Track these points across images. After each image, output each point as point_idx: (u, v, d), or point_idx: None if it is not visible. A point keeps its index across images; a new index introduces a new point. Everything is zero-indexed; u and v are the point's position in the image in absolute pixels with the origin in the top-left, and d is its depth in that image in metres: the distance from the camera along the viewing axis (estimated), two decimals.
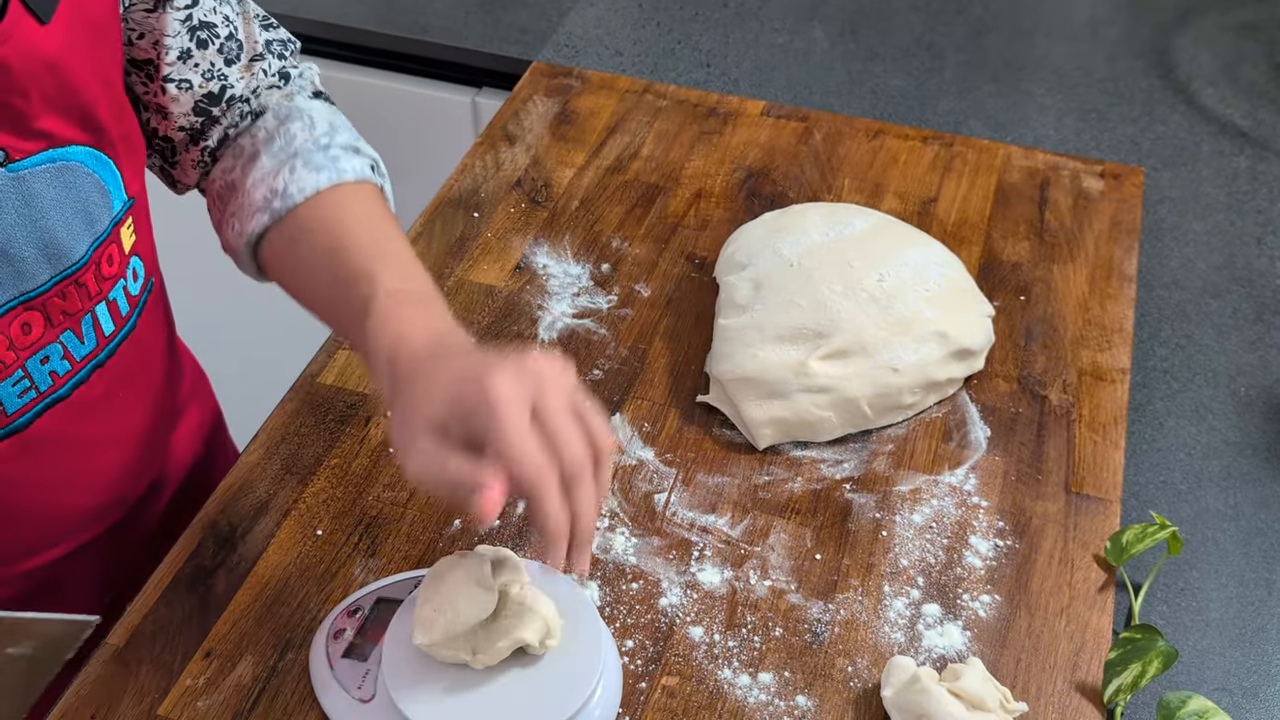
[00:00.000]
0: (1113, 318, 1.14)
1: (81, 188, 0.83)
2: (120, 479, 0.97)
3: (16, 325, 0.82)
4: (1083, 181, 1.28)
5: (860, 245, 1.08)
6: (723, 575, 0.93)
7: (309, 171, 0.90)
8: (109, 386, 0.91)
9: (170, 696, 0.85)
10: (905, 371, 1.02)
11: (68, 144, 0.81)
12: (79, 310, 0.86)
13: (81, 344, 0.87)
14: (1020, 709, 0.83)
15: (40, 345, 0.84)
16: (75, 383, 0.88)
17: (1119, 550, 0.94)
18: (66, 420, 0.88)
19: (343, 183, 0.90)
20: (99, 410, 0.91)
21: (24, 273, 0.81)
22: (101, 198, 0.85)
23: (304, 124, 0.93)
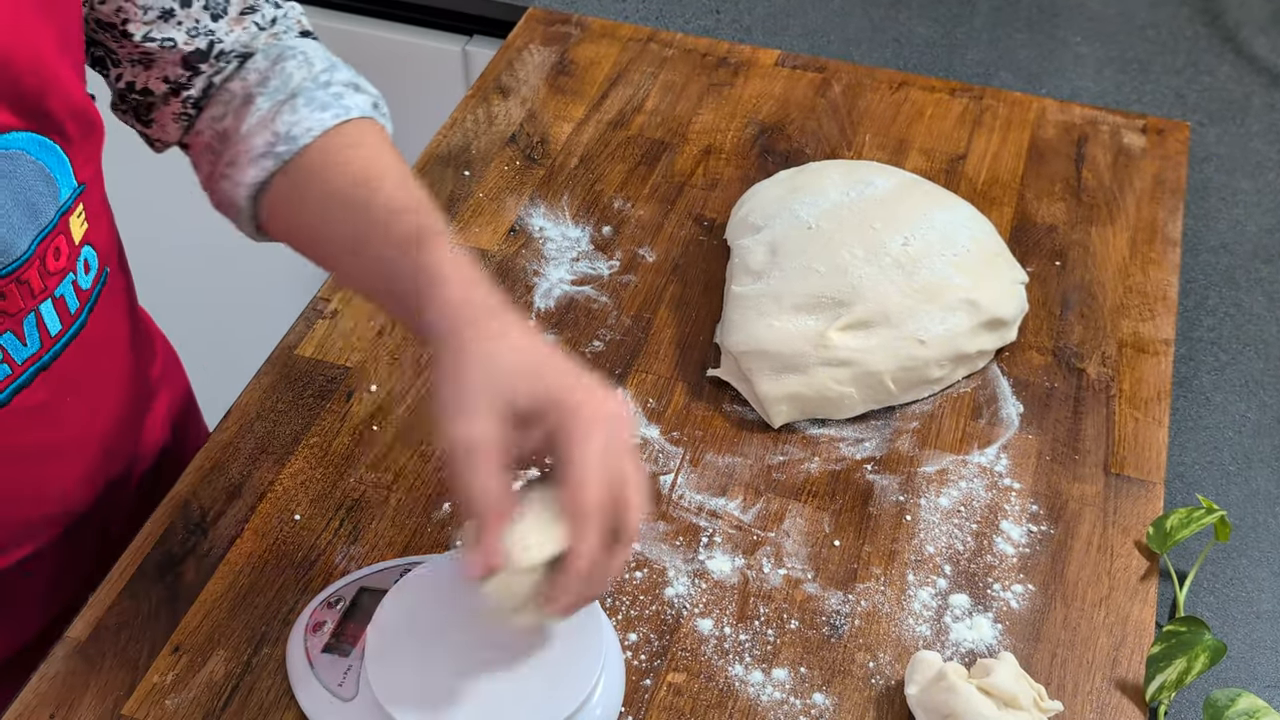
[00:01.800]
0: (1155, 284, 1.13)
1: (23, 177, 0.81)
2: (72, 489, 0.95)
3: None
4: (1123, 137, 1.28)
5: (883, 206, 1.07)
6: (734, 563, 0.93)
7: (312, 110, 0.89)
8: (53, 392, 0.88)
9: (136, 694, 0.85)
10: (932, 343, 1.01)
11: (6, 131, 0.79)
12: (20, 310, 0.83)
13: (23, 346, 0.85)
14: (1055, 708, 0.83)
15: None
16: (14, 389, 0.85)
17: (1162, 536, 0.93)
18: (3, 430, 0.85)
19: (349, 120, 0.89)
20: (42, 418, 0.88)
21: None
22: (47, 187, 0.83)
23: (299, 61, 0.92)
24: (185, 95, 0.92)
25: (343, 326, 1.08)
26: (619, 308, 1.11)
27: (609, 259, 1.15)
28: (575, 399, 0.73)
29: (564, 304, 1.11)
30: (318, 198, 0.87)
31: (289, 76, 0.91)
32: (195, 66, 0.91)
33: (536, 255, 1.14)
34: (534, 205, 1.19)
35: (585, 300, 1.11)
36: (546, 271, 1.13)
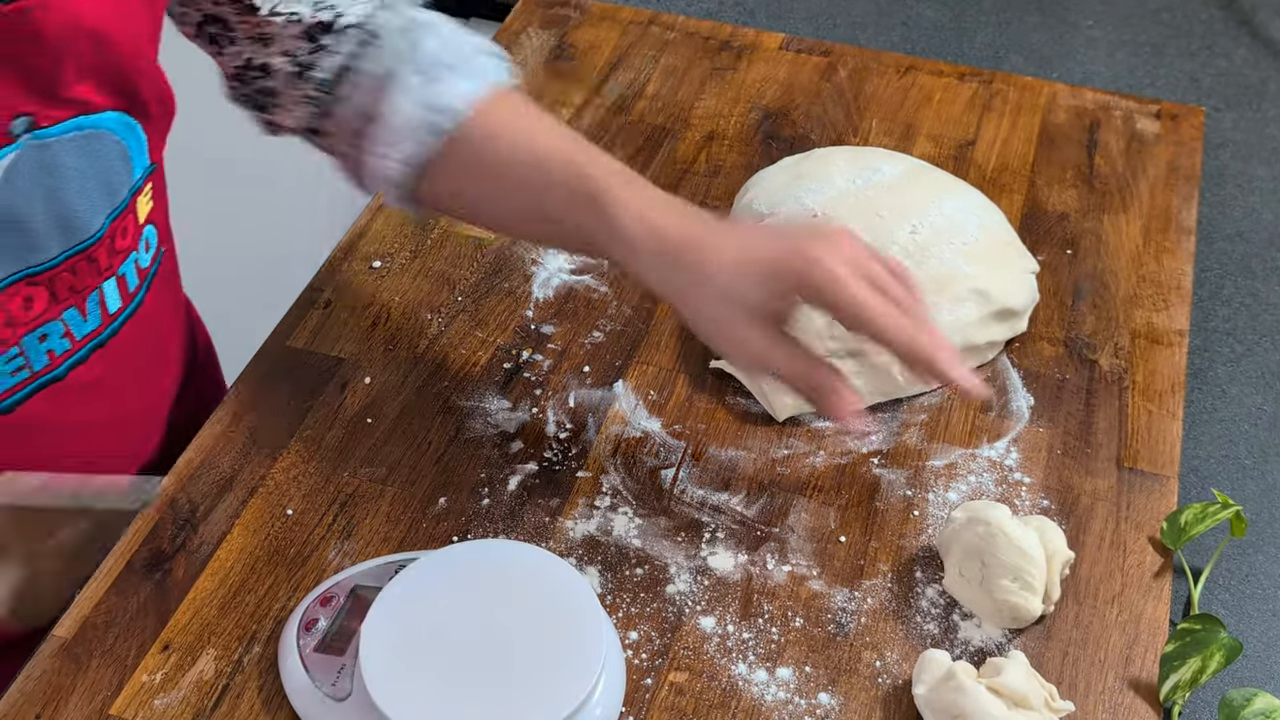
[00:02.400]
0: (1170, 274, 1.13)
1: (106, 157, 0.84)
2: (120, 467, 0.97)
3: (18, 300, 0.83)
4: (1136, 123, 1.28)
5: (890, 194, 1.07)
6: (737, 560, 0.92)
7: (459, 79, 0.92)
8: (108, 369, 0.91)
9: (124, 694, 0.85)
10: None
11: (99, 110, 0.82)
12: (87, 287, 0.87)
13: (84, 322, 0.88)
14: (1067, 708, 0.83)
15: (41, 322, 0.85)
16: (72, 364, 0.88)
17: (1177, 532, 0.93)
18: (57, 404, 0.88)
19: (499, 87, 0.94)
20: (95, 394, 0.91)
21: (34, 245, 0.82)
22: (124, 166, 0.86)
23: (430, 32, 0.94)
24: (315, 77, 0.93)
25: (336, 317, 1.08)
26: (619, 297, 1.10)
27: None
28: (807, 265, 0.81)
29: (563, 293, 1.10)
30: (488, 166, 0.91)
31: (427, 49, 0.93)
32: (318, 40, 0.92)
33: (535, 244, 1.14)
34: None
35: (585, 290, 1.11)
36: (545, 260, 1.13)
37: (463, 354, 1.05)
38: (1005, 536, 0.87)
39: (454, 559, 0.86)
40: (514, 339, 1.07)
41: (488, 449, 0.99)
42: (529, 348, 1.06)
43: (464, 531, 0.94)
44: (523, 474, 0.97)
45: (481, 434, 1.00)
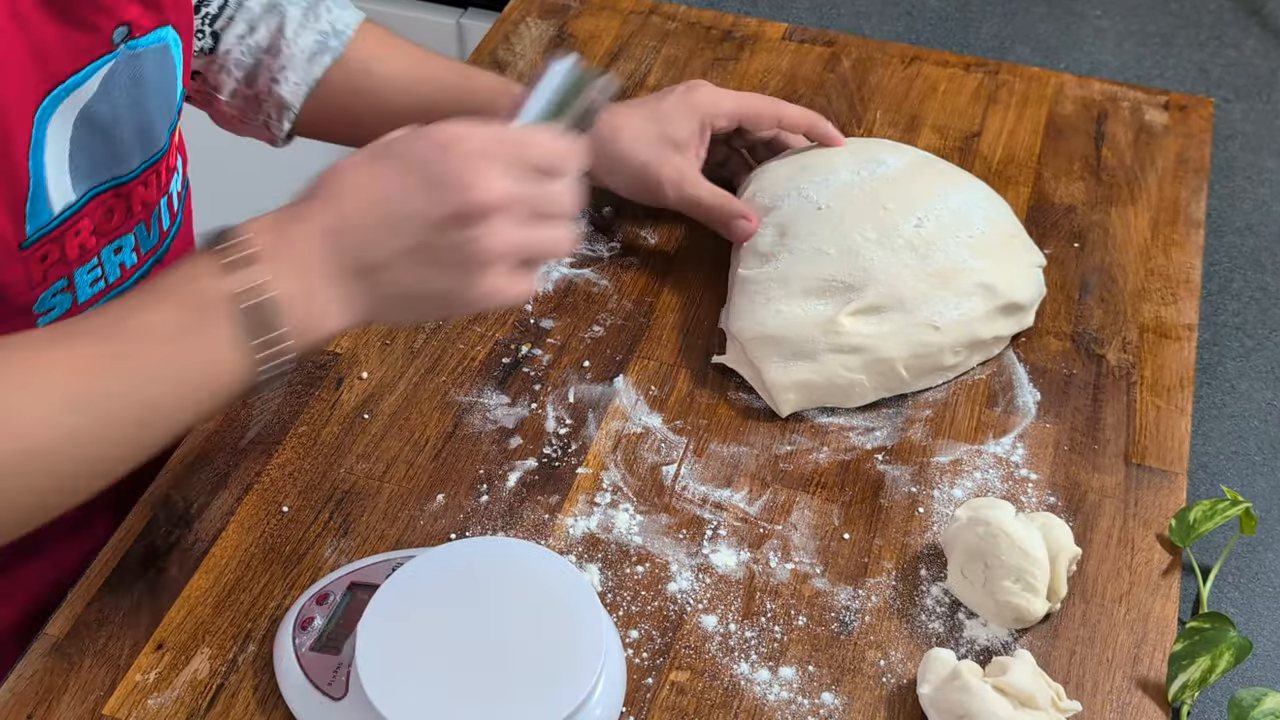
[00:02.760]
0: (1178, 267, 1.13)
1: (170, 70, 0.90)
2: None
3: (101, 211, 0.88)
4: (1144, 114, 1.27)
5: (895, 186, 1.06)
6: (739, 557, 0.92)
7: (341, 9, 1.06)
8: None
9: (117, 693, 0.84)
10: (946, 329, 1.01)
11: (167, 24, 0.88)
12: (152, 201, 0.93)
13: (149, 236, 0.94)
14: (1074, 708, 0.82)
15: (119, 234, 0.90)
16: (138, 278, 0.93)
17: (1185, 529, 0.93)
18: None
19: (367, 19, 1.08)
20: None
21: (120, 156, 0.88)
22: (173, 84, 0.92)
23: None
24: (204, 12, 1.01)
25: None
26: (620, 291, 1.10)
27: (609, 241, 1.14)
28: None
29: (562, 288, 1.10)
30: (377, 82, 1.04)
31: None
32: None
33: None
34: None
35: (585, 284, 1.11)
36: None
37: (461, 349, 1.05)
38: (1007, 537, 0.86)
39: (452, 557, 0.86)
40: (513, 333, 1.06)
41: (486, 445, 0.98)
42: (528, 342, 1.06)
43: (462, 529, 0.93)
44: (522, 470, 0.97)
45: (480, 430, 1.00)
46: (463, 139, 0.74)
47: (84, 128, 0.84)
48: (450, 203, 0.72)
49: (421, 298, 0.75)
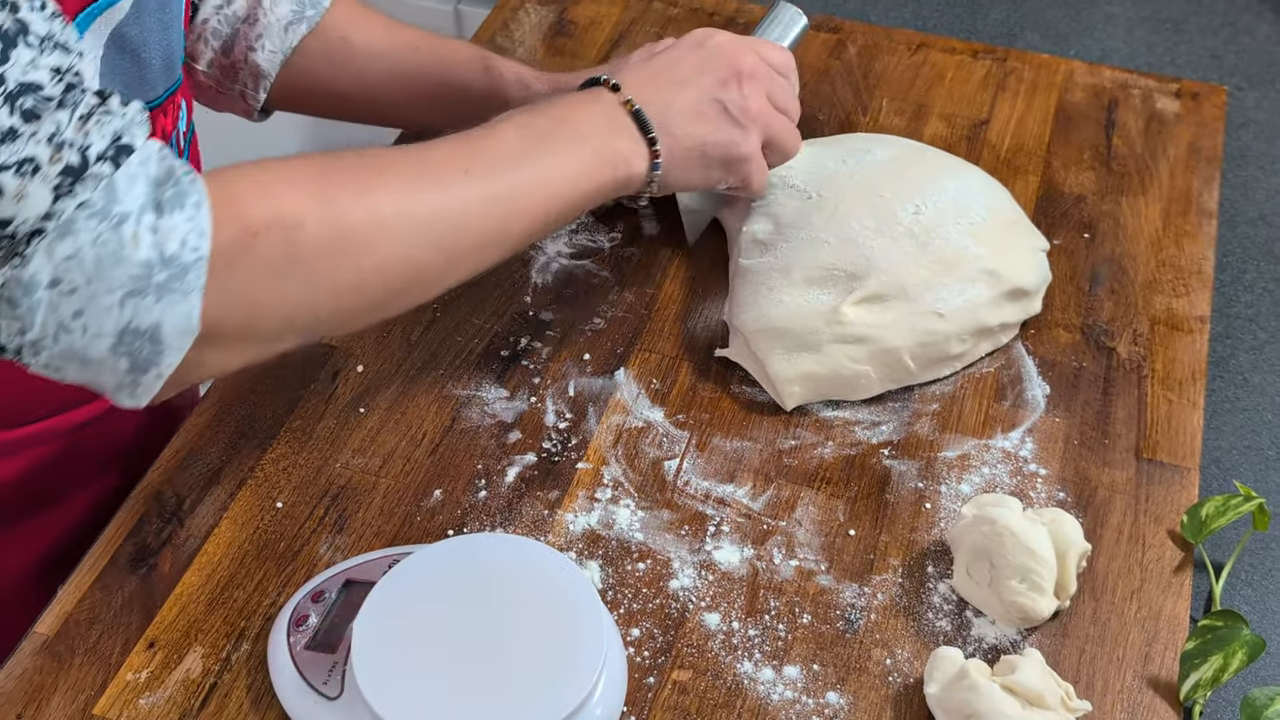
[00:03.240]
0: (1190, 258, 1.13)
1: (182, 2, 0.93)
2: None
3: None
4: (1156, 102, 1.27)
5: (887, 174, 1.07)
6: (742, 554, 0.92)
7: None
8: None
9: (108, 693, 0.84)
10: (951, 316, 1.01)
11: None
12: (169, 132, 0.95)
13: None
14: (1084, 707, 0.82)
15: None
16: None
17: (1197, 526, 0.93)
18: None
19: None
20: None
21: (148, 81, 0.90)
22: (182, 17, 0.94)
23: None
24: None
25: None
26: (621, 283, 1.10)
27: (609, 231, 1.14)
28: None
29: (562, 279, 1.10)
30: (359, 48, 1.06)
31: None
32: None
33: None
34: None
35: (585, 275, 1.10)
36: (543, 245, 1.12)
37: (459, 341, 1.05)
38: (1012, 536, 0.86)
39: (449, 554, 0.86)
40: (512, 326, 1.06)
41: (484, 439, 0.98)
42: (527, 335, 1.05)
43: (460, 525, 0.93)
44: (521, 465, 0.97)
45: (478, 424, 0.99)
46: (715, 34, 0.99)
47: (115, 48, 0.86)
48: (720, 68, 0.96)
49: (705, 150, 0.95)
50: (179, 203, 0.71)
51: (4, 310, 0.70)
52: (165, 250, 0.70)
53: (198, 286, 0.71)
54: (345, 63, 1.07)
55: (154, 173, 0.71)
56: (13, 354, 0.72)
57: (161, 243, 0.70)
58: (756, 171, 0.99)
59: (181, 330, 0.72)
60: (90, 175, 0.69)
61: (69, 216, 0.68)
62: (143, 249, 0.69)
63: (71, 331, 0.70)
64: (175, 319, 0.71)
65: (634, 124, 0.92)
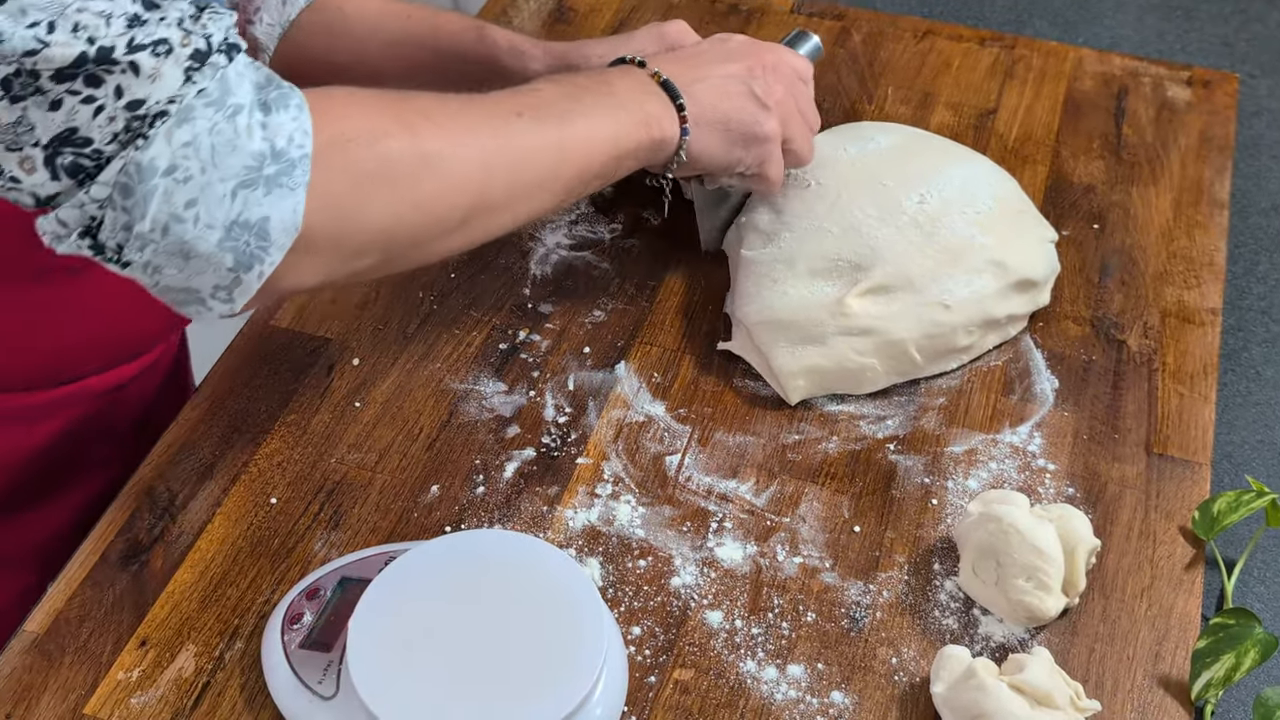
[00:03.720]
0: (1202, 249, 1.13)
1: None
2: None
3: None
4: (1167, 90, 1.27)
5: (890, 162, 1.07)
6: (745, 551, 0.92)
7: None
8: None
9: (99, 692, 0.84)
10: (958, 307, 1.01)
11: None
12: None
13: None
14: (1093, 707, 0.82)
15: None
16: None
17: (1209, 522, 0.93)
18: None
19: None
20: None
21: None
22: None
23: None
24: None
25: (323, 295, 1.07)
26: (621, 275, 1.10)
27: (610, 222, 1.14)
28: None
29: (562, 270, 1.10)
30: (355, 19, 1.06)
31: None
32: None
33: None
34: None
35: (585, 267, 1.10)
36: (543, 236, 1.12)
37: (456, 334, 1.05)
38: (1019, 534, 0.86)
39: (447, 550, 0.86)
40: (510, 318, 1.06)
41: (482, 434, 0.98)
42: (526, 327, 1.05)
43: (457, 521, 0.93)
44: (519, 460, 0.96)
45: (476, 418, 0.99)
46: (738, 36, 1.03)
47: None
48: (746, 57, 1.00)
49: (729, 123, 0.97)
50: (283, 103, 0.74)
51: (115, 200, 0.71)
52: (275, 144, 0.73)
53: (303, 183, 0.74)
54: (343, 34, 1.08)
55: (256, 76, 0.74)
56: (112, 253, 0.73)
57: (272, 137, 0.73)
58: (774, 159, 1.00)
59: (287, 226, 0.74)
60: (210, 64, 0.72)
61: (188, 103, 0.71)
62: (255, 140, 0.72)
63: (184, 221, 0.72)
64: (283, 213, 0.74)
65: (663, 91, 0.95)
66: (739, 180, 1.02)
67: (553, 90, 0.91)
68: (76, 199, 0.71)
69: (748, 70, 0.99)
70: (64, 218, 0.72)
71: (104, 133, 0.70)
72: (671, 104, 0.95)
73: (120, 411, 1.09)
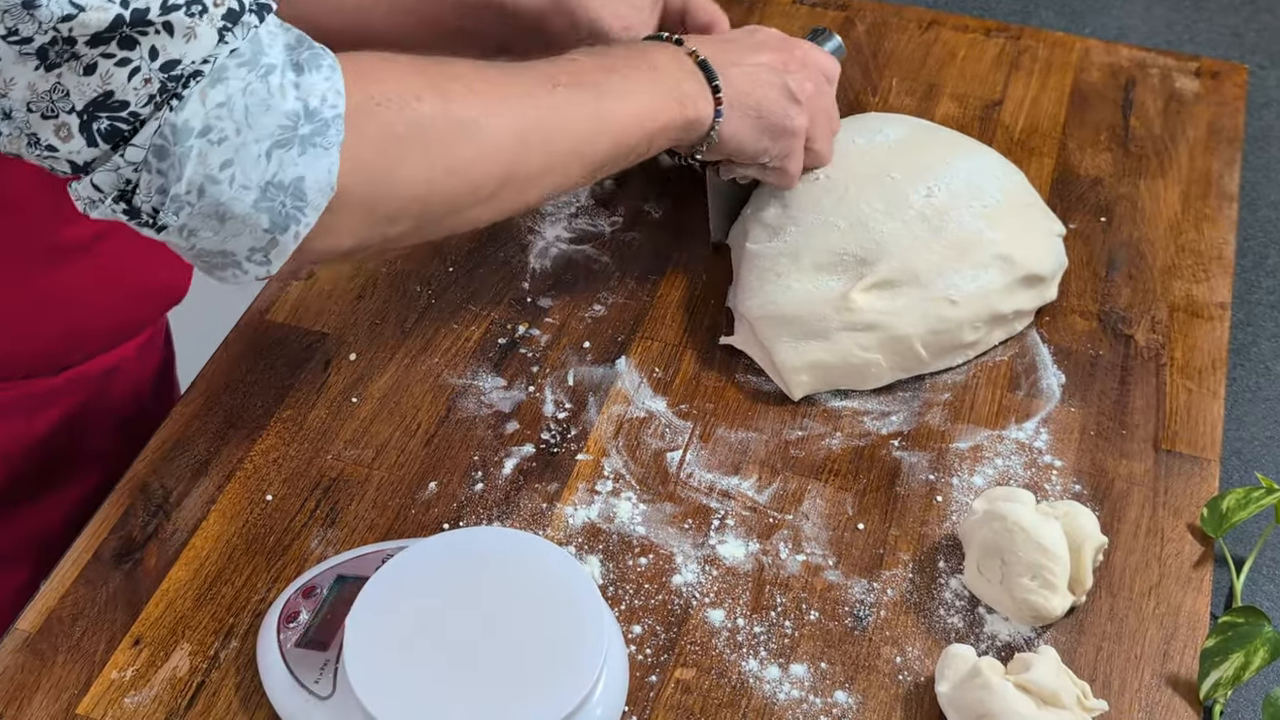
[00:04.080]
0: (1210, 243, 1.12)
1: None
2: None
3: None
4: (1175, 81, 1.27)
5: (898, 155, 1.06)
6: (748, 548, 0.92)
7: None
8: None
9: (92, 692, 0.84)
10: (964, 303, 1.00)
11: None
12: None
13: None
14: (1100, 707, 0.82)
15: None
16: None
17: (1218, 519, 0.93)
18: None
19: None
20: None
21: None
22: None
23: None
24: None
25: (319, 289, 1.07)
26: (622, 268, 1.10)
27: (610, 215, 1.14)
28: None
29: (561, 264, 1.10)
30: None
31: None
32: None
33: (531, 212, 1.13)
34: None
35: (585, 260, 1.10)
36: (542, 229, 1.12)
37: (454, 328, 1.05)
38: (1024, 532, 0.86)
39: (445, 548, 0.86)
40: (509, 312, 1.06)
41: (481, 430, 0.98)
42: (525, 322, 1.05)
43: (455, 518, 0.93)
44: (518, 457, 0.96)
45: (474, 414, 0.99)
46: (767, 29, 1.04)
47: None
48: (779, 50, 1.01)
49: (761, 112, 0.98)
50: (315, 63, 0.74)
51: (150, 162, 0.71)
52: (309, 103, 0.73)
53: (337, 143, 0.74)
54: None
55: (287, 37, 0.74)
56: (147, 216, 0.73)
57: (305, 96, 0.73)
58: (797, 154, 1.01)
59: (322, 186, 0.74)
60: (243, 23, 0.72)
61: (221, 63, 0.71)
62: (289, 100, 0.72)
63: (219, 182, 0.72)
64: (318, 173, 0.74)
65: (700, 71, 0.96)
66: (758, 171, 1.02)
67: (590, 62, 0.92)
68: (112, 162, 0.71)
69: (782, 63, 1.00)
70: (99, 182, 0.72)
71: (139, 95, 0.70)
72: (707, 85, 0.95)
73: (114, 398, 1.09)
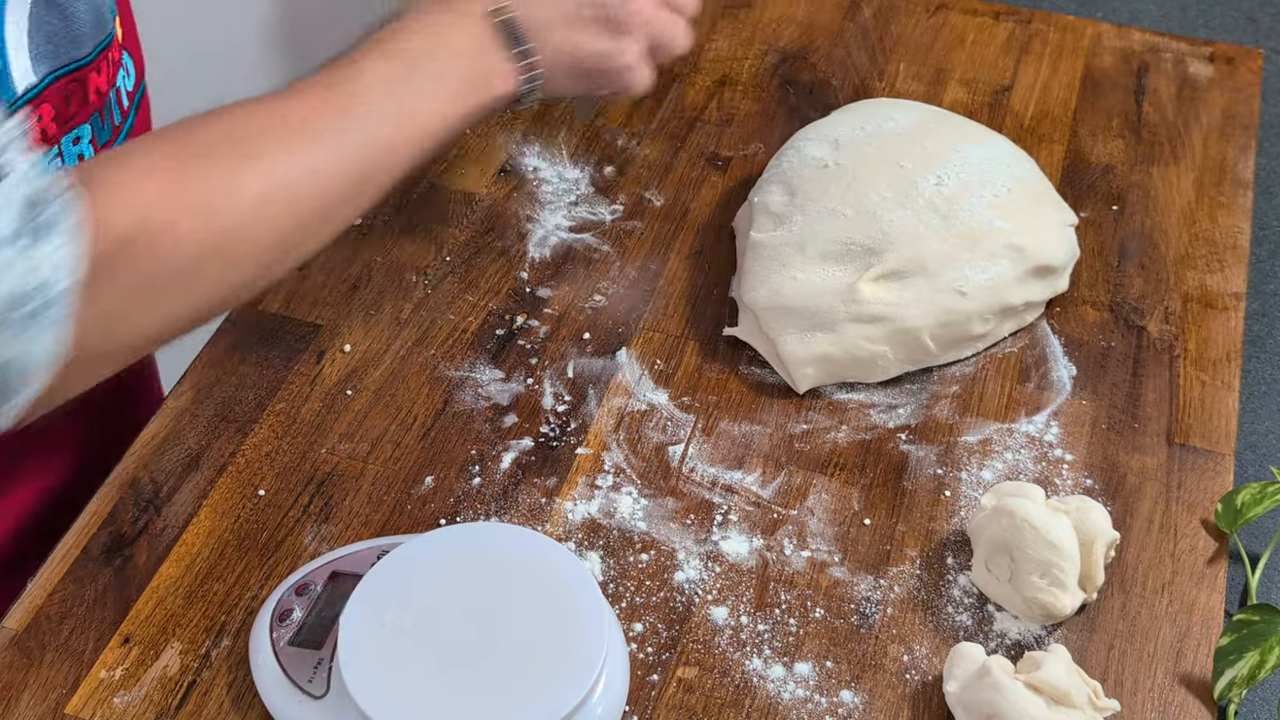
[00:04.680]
0: (1225, 232, 1.12)
1: None
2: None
3: (61, 96, 0.89)
4: (1188, 66, 1.27)
5: (908, 142, 1.06)
6: (751, 545, 0.92)
7: None
8: None
9: (80, 691, 0.84)
10: (973, 294, 1.00)
11: None
12: (105, 90, 0.94)
13: (104, 129, 0.94)
14: (1112, 706, 0.82)
15: (76, 123, 0.91)
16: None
17: (1232, 514, 0.93)
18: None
19: None
20: None
21: (76, 37, 0.89)
22: None
23: None
24: None
25: (313, 279, 1.07)
26: (623, 258, 1.10)
27: (611, 203, 1.14)
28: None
29: (561, 253, 1.10)
30: None
31: None
32: None
33: (530, 199, 1.13)
34: (527, 143, 1.18)
35: (585, 249, 1.10)
36: (542, 217, 1.12)
37: (451, 319, 1.05)
38: (1033, 529, 0.86)
39: (441, 544, 0.86)
40: (507, 303, 1.06)
41: (478, 423, 0.98)
42: (524, 313, 1.05)
43: (452, 514, 0.93)
44: (517, 451, 0.96)
45: (472, 407, 0.99)
46: None
47: (41, 4, 0.86)
48: None
49: (580, 61, 0.95)
50: (53, 226, 0.67)
51: None
52: (34, 279, 0.67)
53: (63, 316, 0.68)
54: None
55: (30, 191, 0.67)
56: None
57: (33, 270, 0.67)
58: (638, 80, 0.98)
59: (48, 358, 0.69)
60: None
61: None
62: (14, 276, 0.66)
63: None
64: (43, 347, 0.68)
65: (501, 37, 0.91)
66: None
67: (381, 67, 0.87)
68: None
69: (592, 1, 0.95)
70: None
71: None
72: (512, 54, 0.91)
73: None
